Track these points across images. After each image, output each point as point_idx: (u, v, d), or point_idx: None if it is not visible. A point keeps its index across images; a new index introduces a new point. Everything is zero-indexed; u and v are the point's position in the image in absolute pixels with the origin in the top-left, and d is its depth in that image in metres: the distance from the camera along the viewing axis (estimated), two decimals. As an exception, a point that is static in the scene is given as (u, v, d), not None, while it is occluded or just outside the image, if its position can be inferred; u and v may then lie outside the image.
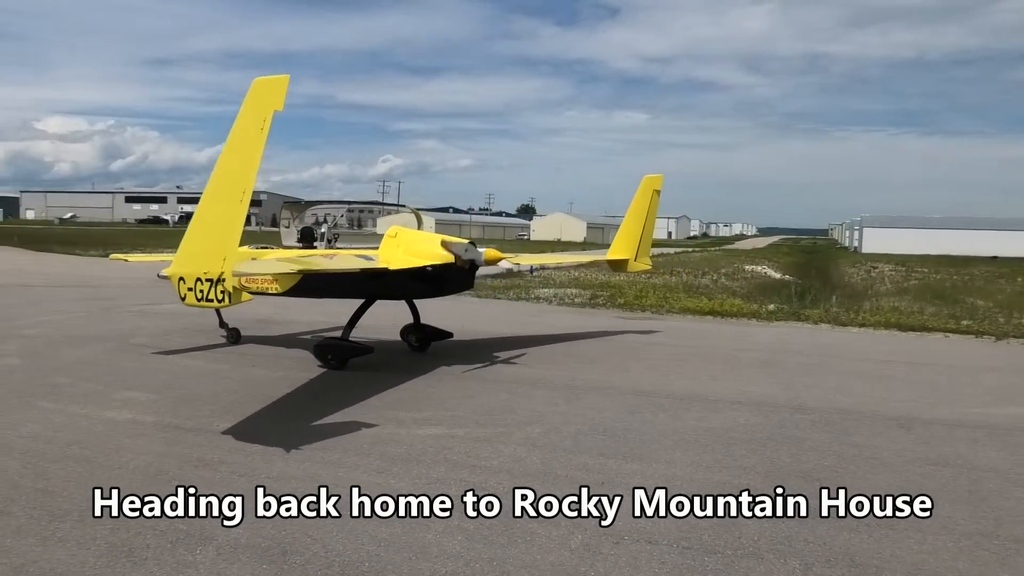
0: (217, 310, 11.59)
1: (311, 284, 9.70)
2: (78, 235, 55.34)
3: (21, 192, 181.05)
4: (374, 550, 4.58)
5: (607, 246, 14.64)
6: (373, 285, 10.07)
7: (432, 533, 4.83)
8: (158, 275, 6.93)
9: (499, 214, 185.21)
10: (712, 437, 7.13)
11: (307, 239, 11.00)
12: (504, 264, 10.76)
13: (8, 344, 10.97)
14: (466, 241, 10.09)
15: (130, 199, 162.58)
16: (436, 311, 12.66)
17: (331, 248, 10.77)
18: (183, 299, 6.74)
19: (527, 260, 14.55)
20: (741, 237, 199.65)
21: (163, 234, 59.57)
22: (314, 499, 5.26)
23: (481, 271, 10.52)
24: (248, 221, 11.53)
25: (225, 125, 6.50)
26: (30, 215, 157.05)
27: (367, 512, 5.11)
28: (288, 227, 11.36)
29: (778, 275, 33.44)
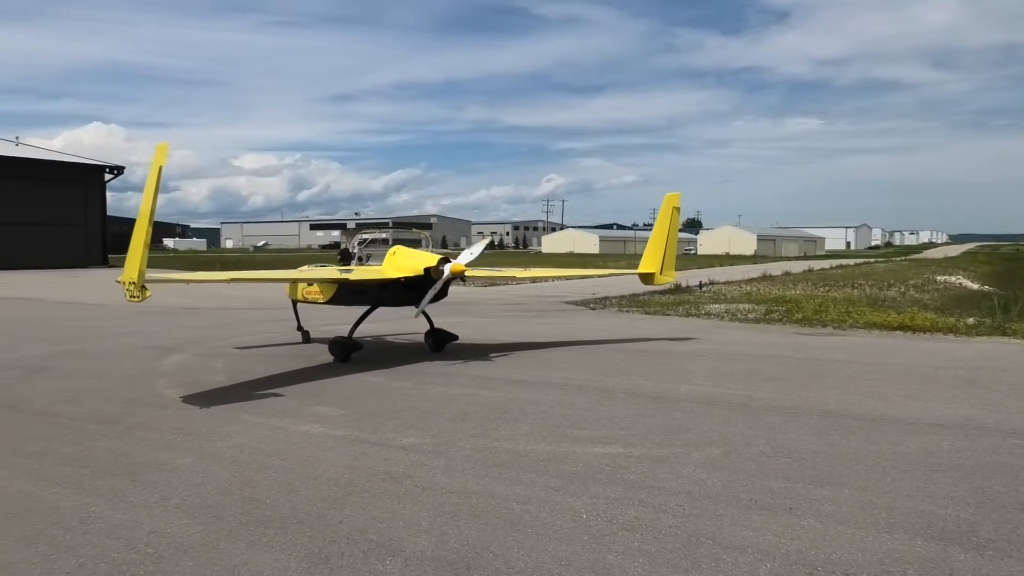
0: (296, 314, 13.91)
1: (342, 295, 12.29)
2: (270, 261, 59.99)
3: (221, 223, 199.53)
4: (555, 569, 4.58)
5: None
6: (380, 294, 12.14)
7: (613, 555, 4.77)
8: (116, 281, 9.09)
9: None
10: (911, 463, 6.59)
11: (346, 258, 13.14)
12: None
13: (215, 362, 12.01)
14: (438, 257, 11.82)
15: (314, 226, 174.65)
16: (608, 326, 12.57)
17: (361, 265, 12.73)
18: (125, 298, 8.66)
19: (523, 274, 15.91)
20: (930, 245, 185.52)
21: (344, 258, 63.11)
22: (494, 515, 5.37)
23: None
24: (419, 243, 13.35)
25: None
26: (229, 244, 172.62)
27: (546, 530, 5.13)
28: (343, 248, 13.63)
29: (975, 286, 30.69)
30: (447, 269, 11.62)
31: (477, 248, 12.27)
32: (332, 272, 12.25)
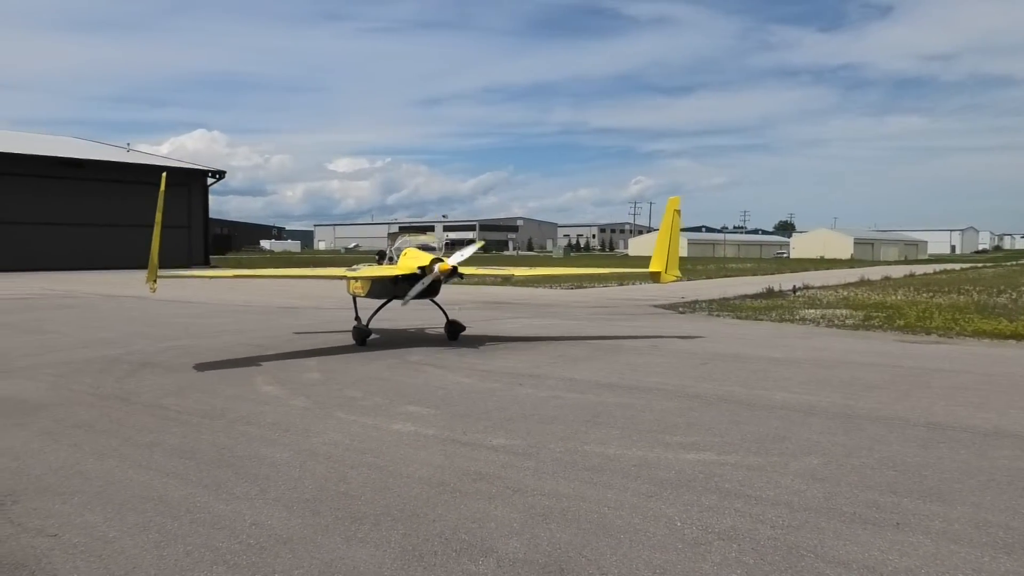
0: (355, 308, 15.11)
1: (373, 290, 14.30)
2: (360, 261, 61.36)
3: (315, 226, 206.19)
4: (649, 576, 4.49)
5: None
6: (393, 288, 13.89)
7: (709, 564, 4.64)
8: (145, 280, 11.42)
9: (755, 232, 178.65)
10: (1030, 479, 6.19)
11: (382, 258, 14.95)
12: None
13: (309, 360, 12.36)
14: (431, 257, 13.40)
15: (403, 229, 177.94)
16: (697, 330, 12.25)
17: (390, 264, 14.22)
18: (147, 290, 11.52)
19: (522, 272, 17.28)
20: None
21: (432, 260, 63.96)
22: (586, 519, 5.32)
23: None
24: (506, 245, 14.73)
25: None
26: (321, 246, 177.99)
27: (640, 537, 5.05)
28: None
29: (1097, 293, 28.69)
30: (436, 268, 13.20)
31: (468, 251, 13.84)
32: (340, 270, 13.55)
